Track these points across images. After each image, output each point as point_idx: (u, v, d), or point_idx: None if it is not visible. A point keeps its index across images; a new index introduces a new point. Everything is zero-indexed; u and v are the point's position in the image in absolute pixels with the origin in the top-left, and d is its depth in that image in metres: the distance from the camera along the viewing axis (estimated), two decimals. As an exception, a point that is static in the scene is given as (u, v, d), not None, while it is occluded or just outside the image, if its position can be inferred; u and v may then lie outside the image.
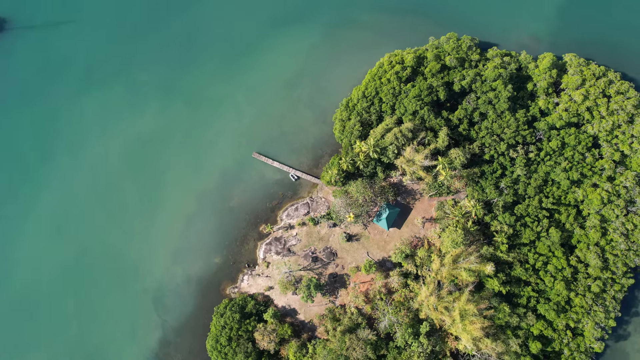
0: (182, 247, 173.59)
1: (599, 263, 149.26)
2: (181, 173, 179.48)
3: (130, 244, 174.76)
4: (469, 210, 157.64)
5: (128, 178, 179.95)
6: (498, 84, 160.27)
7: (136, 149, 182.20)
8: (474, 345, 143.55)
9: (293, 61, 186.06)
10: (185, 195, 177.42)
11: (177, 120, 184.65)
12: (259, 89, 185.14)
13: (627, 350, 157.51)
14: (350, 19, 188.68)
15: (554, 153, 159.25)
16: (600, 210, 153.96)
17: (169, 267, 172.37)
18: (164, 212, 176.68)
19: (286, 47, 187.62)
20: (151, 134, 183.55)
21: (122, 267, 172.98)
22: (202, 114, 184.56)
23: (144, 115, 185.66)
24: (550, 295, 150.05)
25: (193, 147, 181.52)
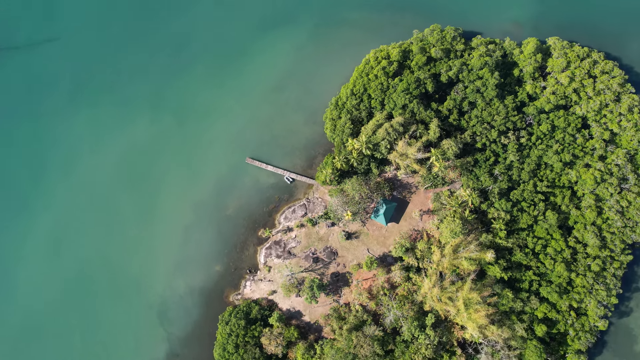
0: (182, 258, 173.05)
1: (597, 242, 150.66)
2: (176, 183, 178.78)
3: (130, 259, 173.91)
4: (465, 199, 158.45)
5: (123, 192, 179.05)
6: (485, 72, 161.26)
7: (129, 163, 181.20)
8: (480, 333, 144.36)
9: (280, 64, 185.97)
10: (182, 205, 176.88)
11: (169, 130, 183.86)
12: (248, 94, 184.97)
13: (630, 326, 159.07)
14: (334, 18, 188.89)
15: (545, 136, 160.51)
16: (594, 190, 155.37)
17: (171, 279, 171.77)
18: (162, 224, 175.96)
19: (272, 51, 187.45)
20: (143, 146, 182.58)
21: (123, 282, 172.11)
22: (193, 122, 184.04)
23: (134, 128, 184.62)
24: (552, 278, 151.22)
25: (186, 157, 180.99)
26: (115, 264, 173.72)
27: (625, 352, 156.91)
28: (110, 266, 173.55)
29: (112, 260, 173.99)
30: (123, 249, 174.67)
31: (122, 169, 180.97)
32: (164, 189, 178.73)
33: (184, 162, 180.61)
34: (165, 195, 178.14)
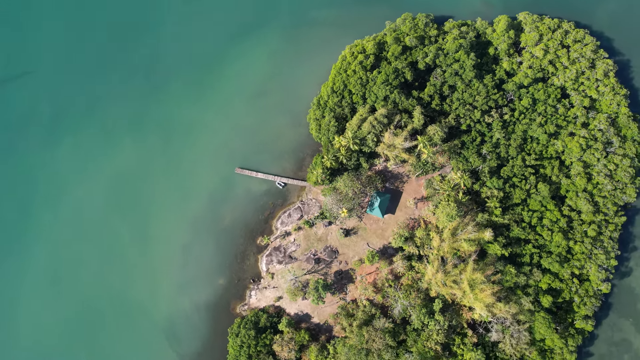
0: (184, 276, 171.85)
1: (590, 207, 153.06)
2: (168, 203, 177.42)
3: (132, 284, 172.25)
4: (457, 182, 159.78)
5: (116, 218, 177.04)
6: (461, 54, 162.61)
7: (118, 188, 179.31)
8: (489, 312, 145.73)
9: (256, 70, 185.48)
10: (177, 223, 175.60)
11: (154, 151, 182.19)
12: (228, 104, 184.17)
13: (632, 285, 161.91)
14: (304, 18, 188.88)
15: (527, 111, 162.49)
16: (581, 157, 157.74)
17: (175, 299, 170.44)
18: (160, 245, 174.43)
19: (247, 58, 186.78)
20: (130, 169, 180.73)
21: (128, 308, 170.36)
22: (177, 140, 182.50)
23: (119, 153, 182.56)
24: (551, 248, 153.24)
25: (175, 175, 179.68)
26: (117, 291, 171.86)
27: (630, 312, 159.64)
28: (112, 295, 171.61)
29: (113, 288, 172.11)
30: (123, 276, 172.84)
31: (112, 195, 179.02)
32: (157, 210, 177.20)
33: (173, 180, 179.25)
34: (158, 215, 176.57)
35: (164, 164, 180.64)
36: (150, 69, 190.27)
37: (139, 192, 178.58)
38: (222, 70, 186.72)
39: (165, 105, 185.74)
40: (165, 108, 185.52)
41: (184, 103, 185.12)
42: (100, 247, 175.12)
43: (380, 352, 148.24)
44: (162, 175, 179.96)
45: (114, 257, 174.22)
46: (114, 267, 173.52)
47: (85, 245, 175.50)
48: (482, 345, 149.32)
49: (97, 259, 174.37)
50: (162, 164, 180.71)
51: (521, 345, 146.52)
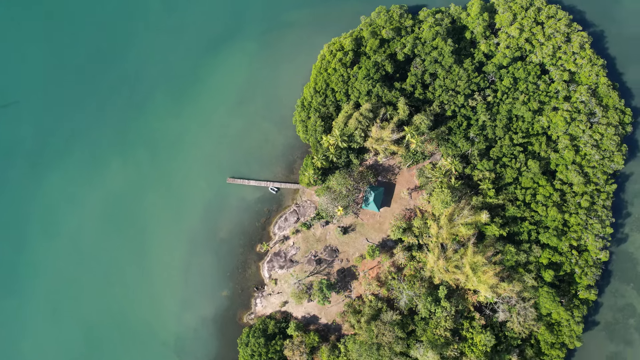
0: (187, 292, 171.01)
1: (581, 179, 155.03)
2: (163, 220, 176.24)
3: (135, 305, 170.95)
4: (448, 168, 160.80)
5: (112, 241, 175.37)
6: (438, 41, 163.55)
7: (111, 210, 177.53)
8: (493, 293, 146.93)
9: (237, 78, 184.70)
10: (175, 240, 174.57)
11: (143, 169, 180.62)
12: (212, 115, 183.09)
13: (630, 250, 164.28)
14: (279, 21, 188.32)
15: (510, 90, 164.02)
16: (567, 130, 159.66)
17: (181, 315, 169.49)
18: (159, 264, 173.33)
19: (227, 67, 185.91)
20: (121, 190, 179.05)
21: (134, 329, 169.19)
22: (165, 156, 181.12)
23: (108, 175, 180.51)
24: (547, 223, 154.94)
25: (167, 191, 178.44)
26: (121, 314, 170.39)
27: (631, 277, 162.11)
28: (117, 318, 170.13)
29: (117, 312, 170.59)
30: (126, 298, 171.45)
31: (106, 219, 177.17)
32: (153, 228, 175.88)
33: (166, 197, 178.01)
34: (155, 234, 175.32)
35: (155, 182, 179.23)
36: (131, 87, 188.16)
37: (132, 213, 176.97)
38: (203, 81, 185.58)
39: (149, 122, 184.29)
40: (150, 125, 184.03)
41: (168, 118, 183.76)
42: (99, 272, 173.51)
43: (391, 345, 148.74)
44: (154, 193, 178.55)
45: (114, 280, 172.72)
46: (116, 291, 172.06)
47: (84, 272, 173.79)
48: (490, 327, 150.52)
49: (97, 284, 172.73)
50: (153, 182, 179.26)
51: (529, 322, 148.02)
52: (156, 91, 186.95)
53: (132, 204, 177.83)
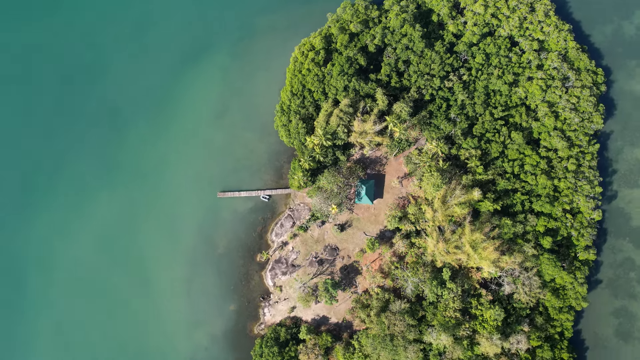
0: (194, 312, 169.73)
1: (565, 143, 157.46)
2: (160, 244, 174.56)
3: (144, 332, 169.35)
4: (435, 151, 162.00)
5: (112, 272, 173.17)
6: (407, 28, 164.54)
7: (106, 241, 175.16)
8: (496, 267, 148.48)
9: (214, 91, 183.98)
10: (174, 262, 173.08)
11: (132, 195, 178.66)
12: (194, 132, 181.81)
13: (620, 206, 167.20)
14: (248, 30, 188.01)
15: (483, 66, 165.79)
16: (544, 98, 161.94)
17: (191, 336, 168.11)
18: (162, 288, 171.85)
19: (202, 81, 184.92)
20: (113, 219, 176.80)
21: (146, 356, 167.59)
22: (153, 179, 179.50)
23: (98, 206, 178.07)
24: (539, 191, 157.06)
25: (159, 214, 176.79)
26: (131, 343, 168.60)
27: (626, 231, 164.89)
28: (127, 348, 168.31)
29: (126, 341, 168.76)
30: (133, 326, 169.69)
31: (103, 250, 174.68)
32: (151, 253, 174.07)
33: (159, 220, 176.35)
34: (153, 258, 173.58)
35: (146, 207, 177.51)
36: (109, 114, 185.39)
37: (128, 241, 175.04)
38: (180, 99, 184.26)
39: (132, 147, 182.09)
40: (133, 151, 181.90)
41: (150, 141, 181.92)
42: (103, 304, 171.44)
43: (403, 333, 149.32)
44: (147, 218, 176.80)
45: (119, 310, 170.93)
46: (122, 320, 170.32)
47: (89, 306, 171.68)
48: (498, 301, 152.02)
49: (103, 315, 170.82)
50: (144, 207, 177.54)
51: (534, 290, 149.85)
52: (135, 115, 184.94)
53: (126, 231, 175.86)
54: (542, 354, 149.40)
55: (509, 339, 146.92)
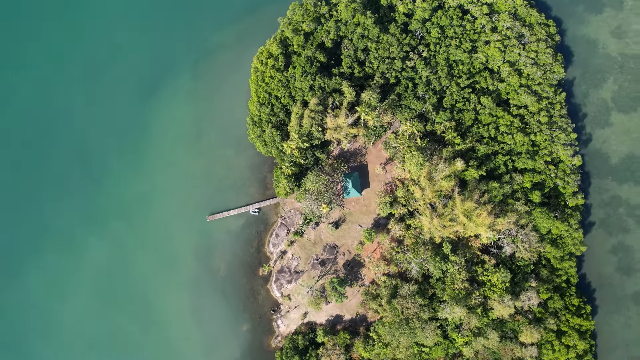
0: (207, 340, 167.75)
1: (533, 98, 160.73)
2: (160, 279, 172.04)
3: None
4: (410, 131, 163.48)
5: (117, 318, 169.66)
6: (358, 17, 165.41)
7: (106, 286, 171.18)
8: (493, 231, 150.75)
9: (183, 116, 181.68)
10: (177, 294, 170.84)
11: (122, 237, 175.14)
12: (170, 162, 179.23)
13: (597, 147, 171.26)
14: (204, 50, 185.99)
15: (440, 40, 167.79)
16: (504, 59, 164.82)
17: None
18: (170, 322, 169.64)
19: (169, 109, 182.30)
20: (108, 264, 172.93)
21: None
22: (140, 216, 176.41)
23: (89, 254, 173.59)
24: (518, 149, 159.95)
25: (153, 251, 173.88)
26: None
27: (606, 170, 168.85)
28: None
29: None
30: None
31: (103, 298, 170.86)
32: (152, 291, 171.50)
33: (154, 256, 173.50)
34: (156, 295, 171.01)
35: (138, 246, 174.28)
36: (81, 162, 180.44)
37: (127, 283, 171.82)
38: (151, 132, 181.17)
39: (112, 189, 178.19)
40: (114, 192, 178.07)
41: (128, 180, 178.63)
42: (113, 349, 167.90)
43: (417, 314, 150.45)
44: (141, 256, 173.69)
45: (130, 352, 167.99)
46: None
47: (98, 354, 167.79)
48: (502, 263, 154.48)
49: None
50: (136, 247, 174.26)
51: (534, 245, 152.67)
52: (107, 157, 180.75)
53: (124, 274, 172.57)
54: (553, 305, 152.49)
55: (520, 298, 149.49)
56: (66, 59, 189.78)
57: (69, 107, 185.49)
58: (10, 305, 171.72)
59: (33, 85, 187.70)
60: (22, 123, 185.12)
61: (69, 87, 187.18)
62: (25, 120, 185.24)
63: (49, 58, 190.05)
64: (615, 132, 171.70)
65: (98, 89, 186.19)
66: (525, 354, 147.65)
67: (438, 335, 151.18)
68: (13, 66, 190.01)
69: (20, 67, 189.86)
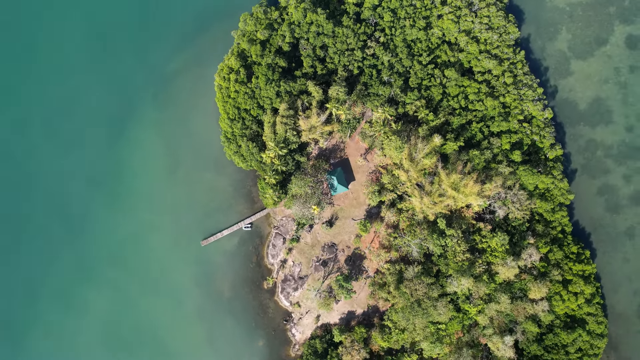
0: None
1: (494, 62, 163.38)
2: (166, 316, 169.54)
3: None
4: (383, 117, 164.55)
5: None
6: (310, 16, 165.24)
7: (114, 336, 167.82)
8: (483, 198, 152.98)
9: (156, 150, 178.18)
10: (187, 327, 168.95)
11: (121, 283, 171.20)
12: (152, 197, 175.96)
13: (564, 96, 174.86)
14: (163, 78, 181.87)
15: (394, 22, 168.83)
16: (460, 29, 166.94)
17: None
18: (186, 356, 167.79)
19: (140, 146, 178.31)
20: (112, 313, 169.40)
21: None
22: (134, 258, 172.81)
23: (90, 309, 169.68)
24: (490, 113, 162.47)
25: (154, 289, 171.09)
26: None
27: (577, 116, 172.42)
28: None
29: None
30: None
31: (114, 347, 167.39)
32: (161, 328, 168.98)
33: (156, 295, 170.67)
34: (165, 332, 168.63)
35: (138, 287, 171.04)
36: (61, 215, 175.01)
37: (135, 327, 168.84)
38: (127, 170, 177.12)
39: (100, 237, 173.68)
40: (101, 240, 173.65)
41: (114, 223, 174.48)
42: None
43: (427, 294, 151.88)
44: (144, 297, 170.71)
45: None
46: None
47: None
48: (498, 227, 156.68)
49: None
50: (137, 288, 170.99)
51: (524, 204, 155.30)
52: (90, 206, 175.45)
53: (130, 319, 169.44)
54: (554, 257, 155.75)
55: (521, 257, 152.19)
56: (24, 116, 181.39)
57: (37, 164, 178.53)
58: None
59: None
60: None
61: (33, 143, 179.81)
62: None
63: (5, 120, 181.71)
64: (578, 79, 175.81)
65: (63, 141, 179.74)
66: (537, 310, 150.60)
67: (451, 310, 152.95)
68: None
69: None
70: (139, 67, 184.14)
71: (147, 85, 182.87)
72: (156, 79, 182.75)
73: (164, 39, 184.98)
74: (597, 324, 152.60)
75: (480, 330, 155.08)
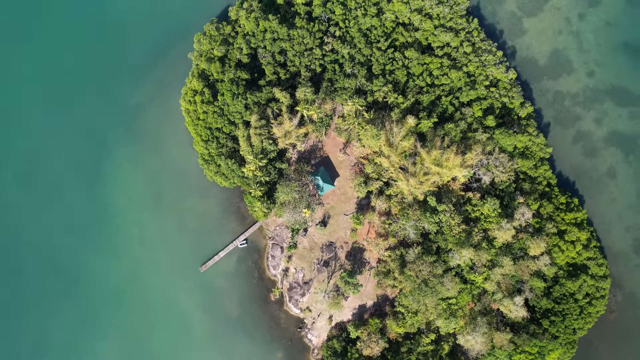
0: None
1: (451, 34, 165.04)
2: (180, 349, 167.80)
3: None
4: (354, 109, 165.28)
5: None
6: (263, 24, 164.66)
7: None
8: (466, 168, 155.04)
9: (135, 184, 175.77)
10: (202, 356, 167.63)
11: (125, 326, 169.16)
12: (141, 231, 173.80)
13: (523, 54, 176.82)
14: (128, 112, 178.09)
15: (346, 14, 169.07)
16: (411, 9, 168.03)
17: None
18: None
19: (118, 183, 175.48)
20: (122, 355, 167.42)
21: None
22: (134, 298, 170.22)
23: (101, 357, 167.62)
24: (457, 85, 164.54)
25: (162, 324, 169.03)
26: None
27: (539, 71, 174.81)
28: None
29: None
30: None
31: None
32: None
33: (164, 328, 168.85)
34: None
35: (146, 325, 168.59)
36: (52, 270, 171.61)
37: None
38: (110, 211, 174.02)
39: (95, 284, 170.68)
40: (98, 286, 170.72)
41: (107, 267, 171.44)
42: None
43: (432, 272, 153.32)
44: (152, 335, 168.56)
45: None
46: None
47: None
48: (486, 193, 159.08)
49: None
50: (144, 327, 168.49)
51: (507, 166, 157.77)
52: (79, 255, 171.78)
53: (141, 355, 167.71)
54: (545, 211, 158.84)
55: (515, 217, 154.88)
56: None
57: (18, 222, 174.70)
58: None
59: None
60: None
61: (9, 202, 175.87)
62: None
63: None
64: (533, 36, 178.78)
65: (39, 194, 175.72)
66: (540, 265, 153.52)
67: (458, 283, 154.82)
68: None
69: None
70: (102, 106, 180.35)
71: (114, 123, 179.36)
72: (122, 114, 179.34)
73: (122, 74, 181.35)
74: (599, 267, 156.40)
75: (490, 297, 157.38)
